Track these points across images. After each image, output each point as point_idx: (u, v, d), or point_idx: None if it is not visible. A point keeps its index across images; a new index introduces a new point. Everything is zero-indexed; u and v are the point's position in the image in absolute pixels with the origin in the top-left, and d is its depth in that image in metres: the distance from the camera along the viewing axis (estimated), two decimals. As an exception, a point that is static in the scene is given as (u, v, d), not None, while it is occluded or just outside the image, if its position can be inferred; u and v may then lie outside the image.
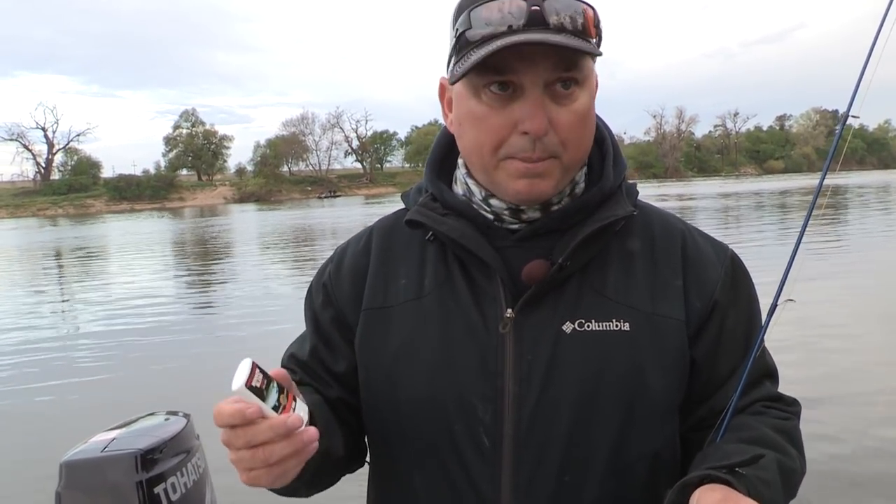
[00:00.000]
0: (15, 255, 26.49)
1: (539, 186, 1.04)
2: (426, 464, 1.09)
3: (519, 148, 1.01)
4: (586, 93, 1.03)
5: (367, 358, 1.15)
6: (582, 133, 1.04)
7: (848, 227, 21.22)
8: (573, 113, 1.01)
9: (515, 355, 1.06)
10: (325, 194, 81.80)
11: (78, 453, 1.96)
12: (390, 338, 1.13)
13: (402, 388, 1.11)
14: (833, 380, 6.68)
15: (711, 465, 0.95)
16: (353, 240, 1.25)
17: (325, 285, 1.21)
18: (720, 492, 0.90)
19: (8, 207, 71.00)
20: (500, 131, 1.01)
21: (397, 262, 1.17)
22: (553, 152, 1.02)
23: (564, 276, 1.07)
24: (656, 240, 1.14)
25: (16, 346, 9.96)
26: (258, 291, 13.70)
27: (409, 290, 1.14)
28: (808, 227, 1.16)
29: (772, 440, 1.05)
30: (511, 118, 1.00)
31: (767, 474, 0.98)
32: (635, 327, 1.07)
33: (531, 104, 0.99)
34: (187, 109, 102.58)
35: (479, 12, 0.98)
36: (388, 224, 1.23)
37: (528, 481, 1.05)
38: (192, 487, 2.03)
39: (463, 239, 1.08)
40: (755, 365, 1.09)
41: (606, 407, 1.05)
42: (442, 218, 1.11)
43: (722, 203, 36.85)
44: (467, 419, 1.06)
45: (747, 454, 0.96)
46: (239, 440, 0.90)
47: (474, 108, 1.03)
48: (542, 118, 0.98)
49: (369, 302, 1.16)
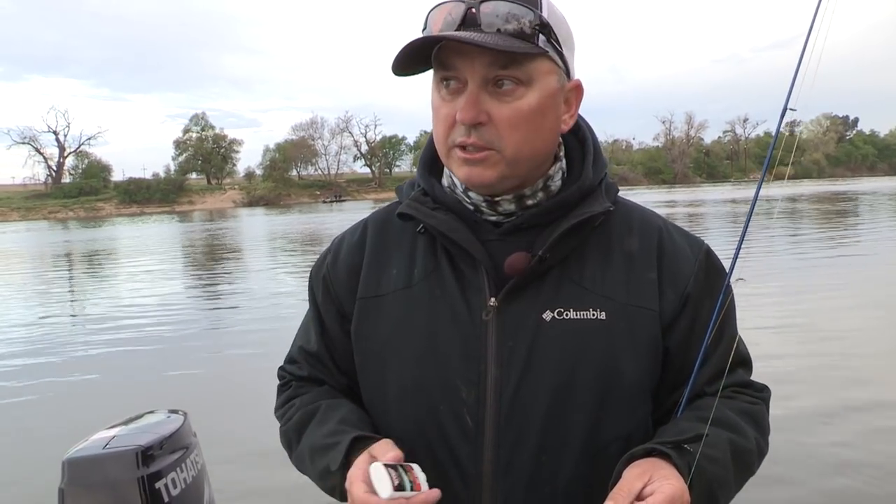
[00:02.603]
0: (28, 257, 26.62)
1: (480, 175, 1.11)
2: (414, 444, 1.14)
3: (458, 135, 1.10)
4: (535, 93, 1.09)
5: (360, 344, 1.23)
6: (525, 130, 1.10)
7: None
8: (513, 109, 1.08)
9: (497, 341, 1.13)
10: (331, 199, 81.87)
11: (80, 451, 2.00)
12: (381, 325, 1.21)
13: (391, 372, 1.19)
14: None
15: (661, 440, 1.06)
16: (349, 232, 1.32)
17: (325, 278, 1.29)
18: (641, 466, 1.02)
19: (20, 210, 71.39)
20: (446, 121, 1.11)
21: (390, 252, 1.24)
22: (489, 143, 1.09)
23: (545, 269, 1.15)
24: (634, 235, 1.21)
25: (23, 345, 10.06)
26: (265, 294, 13.73)
27: (400, 280, 1.21)
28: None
29: (730, 421, 1.13)
30: (454, 109, 1.10)
31: (716, 452, 1.06)
32: (611, 316, 1.14)
33: (467, 95, 1.08)
34: (197, 113, 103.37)
35: (433, 14, 1.09)
36: (382, 216, 1.30)
37: (508, 461, 1.13)
38: (191, 483, 2.07)
39: (451, 232, 1.16)
40: (728, 353, 1.16)
41: (582, 391, 1.12)
42: (432, 212, 1.19)
43: (731, 209, 36.72)
44: (452, 401, 1.14)
45: (692, 433, 1.05)
46: None
47: (434, 101, 1.14)
48: (471, 108, 1.07)
49: (363, 291, 1.24)
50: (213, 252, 25.41)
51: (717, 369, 1.16)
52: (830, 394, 6.30)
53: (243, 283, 16.21)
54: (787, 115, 1.15)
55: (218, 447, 3.05)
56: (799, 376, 6.72)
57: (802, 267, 14.26)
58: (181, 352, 9.25)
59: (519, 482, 1.13)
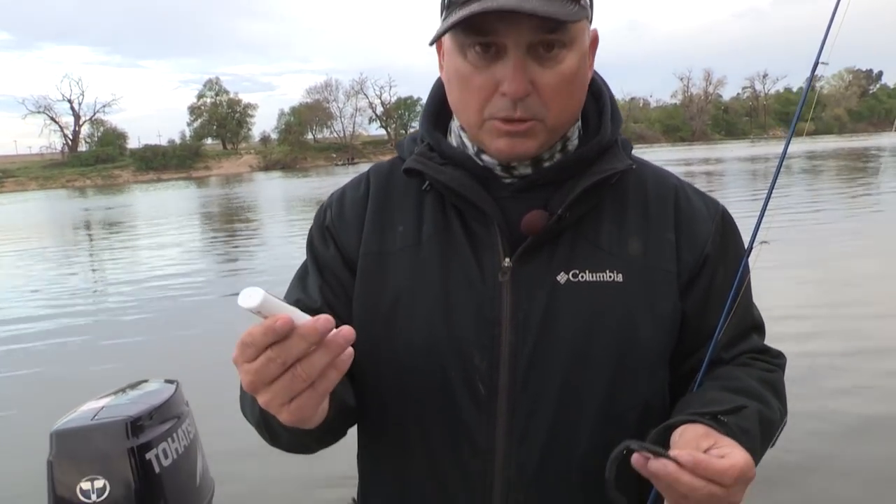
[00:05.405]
0: (47, 226, 26.88)
1: (521, 146, 1.05)
2: (422, 413, 1.10)
3: (500, 108, 1.02)
4: (575, 54, 1.03)
5: (363, 303, 1.14)
6: (568, 96, 1.05)
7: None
8: (558, 75, 1.02)
9: (513, 305, 1.07)
10: (343, 161, 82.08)
11: (68, 422, 1.98)
12: (387, 284, 1.13)
13: (399, 335, 1.11)
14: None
15: (695, 410, 0.99)
16: (351, 185, 1.24)
17: (329, 228, 1.20)
18: (703, 428, 0.94)
19: (38, 179, 71.81)
20: (482, 92, 1.03)
21: (394, 209, 1.17)
22: (535, 114, 1.03)
23: (560, 228, 1.09)
24: (650, 194, 1.16)
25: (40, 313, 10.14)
26: (278, 259, 13.75)
27: (407, 238, 1.14)
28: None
29: (755, 391, 1.08)
30: (493, 79, 1.01)
31: (748, 423, 1.00)
32: (628, 279, 1.09)
33: (512, 66, 0.99)
34: (211, 78, 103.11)
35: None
36: (385, 170, 1.23)
37: (523, 430, 1.07)
38: (182, 453, 2.05)
39: (462, 188, 1.09)
40: (743, 318, 1.13)
41: (599, 357, 1.07)
42: (440, 167, 1.12)
43: (750, 167, 36.31)
44: (464, 366, 1.08)
45: (730, 403, 1.00)
46: (273, 365, 0.78)
47: (460, 67, 1.04)
48: (521, 80, 0.99)
49: (367, 247, 1.15)
50: (229, 217, 25.51)
51: (733, 335, 1.13)
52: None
53: (260, 249, 16.22)
54: (818, 69, 1.10)
55: (213, 417, 3.03)
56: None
57: (825, 228, 13.98)
58: (187, 318, 9.32)
59: (533, 453, 1.07)
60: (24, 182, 70.22)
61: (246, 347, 0.79)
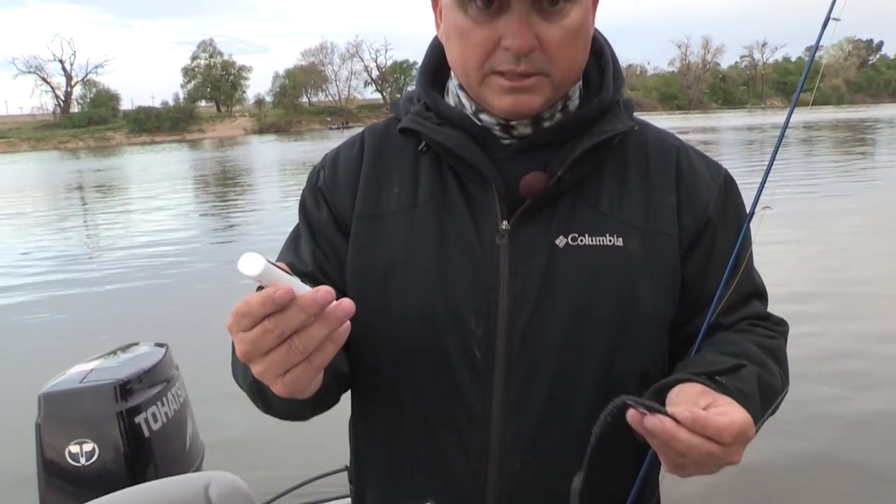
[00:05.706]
0: (43, 188, 26.71)
1: (526, 103, 1.02)
2: (417, 379, 1.08)
3: (502, 61, 1.00)
4: (580, 8, 1.00)
5: (357, 266, 1.11)
6: (573, 50, 1.02)
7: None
8: (563, 29, 0.99)
9: (510, 269, 1.05)
10: (338, 125, 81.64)
11: (57, 384, 1.97)
12: (382, 247, 1.10)
13: (394, 299, 1.08)
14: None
15: (692, 370, 0.97)
16: (345, 146, 1.20)
17: (322, 190, 1.16)
18: (700, 387, 0.92)
19: (29, 140, 71.18)
20: (483, 46, 1.00)
21: (389, 170, 1.14)
22: (541, 69, 1.00)
23: (560, 191, 1.06)
24: (651, 156, 1.13)
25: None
26: (270, 224, 13.69)
27: (403, 200, 1.11)
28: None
29: (754, 355, 1.05)
30: (495, 33, 0.98)
31: (746, 386, 0.98)
32: (629, 243, 1.07)
33: (516, 20, 0.96)
34: (205, 40, 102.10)
35: None
36: (380, 131, 1.19)
37: (519, 397, 1.05)
38: (172, 417, 2.04)
39: (459, 149, 1.07)
40: (744, 283, 1.09)
41: (598, 323, 1.05)
42: (437, 127, 1.09)
43: (746, 136, 36.19)
44: (460, 332, 1.05)
45: (727, 364, 0.97)
46: (269, 336, 0.76)
47: (460, 22, 1.01)
48: (525, 34, 0.96)
49: (361, 209, 1.12)
50: (223, 180, 25.36)
51: (734, 300, 1.09)
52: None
53: (254, 213, 16.15)
54: (829, 25, 1.04)
55: (203, 381, 3.00)
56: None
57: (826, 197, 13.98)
58: (183, 284, 9.28)
59: (529, 420, 1.05)
60: (15, 143, 69.57)
61: (242, 317, 0.76)
